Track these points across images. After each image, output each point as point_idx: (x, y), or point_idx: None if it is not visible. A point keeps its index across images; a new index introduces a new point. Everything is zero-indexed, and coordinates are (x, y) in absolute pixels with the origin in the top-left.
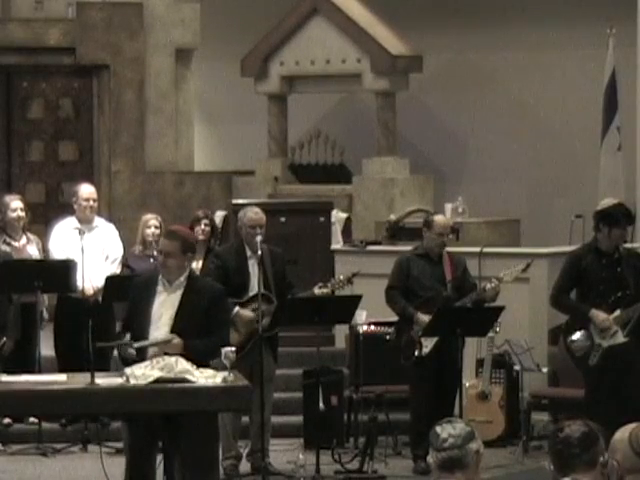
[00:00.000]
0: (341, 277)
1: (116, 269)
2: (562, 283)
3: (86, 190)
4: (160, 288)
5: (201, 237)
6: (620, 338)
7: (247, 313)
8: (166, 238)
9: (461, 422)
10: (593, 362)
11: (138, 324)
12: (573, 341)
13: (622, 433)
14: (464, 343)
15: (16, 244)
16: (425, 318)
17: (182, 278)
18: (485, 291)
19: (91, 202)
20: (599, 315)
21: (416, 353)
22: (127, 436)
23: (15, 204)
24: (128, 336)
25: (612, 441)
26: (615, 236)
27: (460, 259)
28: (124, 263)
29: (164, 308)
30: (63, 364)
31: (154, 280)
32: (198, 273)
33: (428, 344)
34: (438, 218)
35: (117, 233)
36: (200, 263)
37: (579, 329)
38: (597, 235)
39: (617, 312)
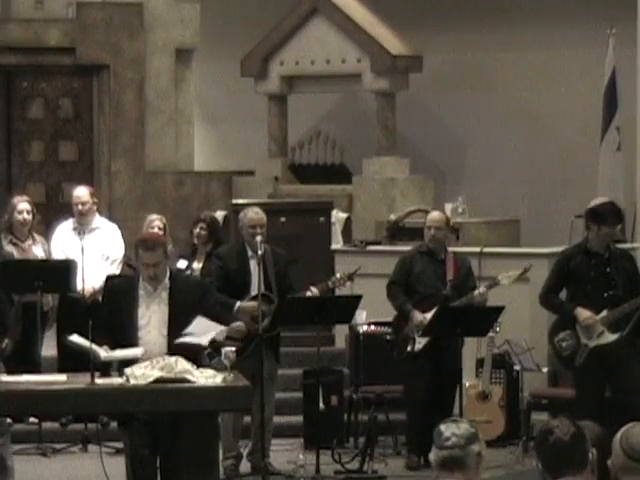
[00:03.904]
0: (338, 275)
1: (116, 269)
2: (550, 283)
3: (75, 193)
4: (142, 293)
5: (195, 240)
6: (606, 338)
7: (249, 303)
8: (149, 251)
9: (466, 423)
10: (579, 362)
11: (123, 329)
12: (559, 341)
13: (619, 433)
14: (463, 342)
15: (22, 245)
16: (419, 316)
17: (166, 280)
18: (474, 297)
19: (80, 206)
20: (583, 313)
21: (409, 349)
22: (127, 439)
23: (22, 206)
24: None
25: (613, 440)
26: (603, 234)
27: (465, 260)
28: (127, 263)
29: (151, 311)
30: (64, 364)
31: (134, 285)
32: (198, 273)
33: (421, 340)
34: (431, 213)
35: (119, 233)
36: (200, 264)
37: (566, 329)
38: (588, 234)
39: (604, 312)
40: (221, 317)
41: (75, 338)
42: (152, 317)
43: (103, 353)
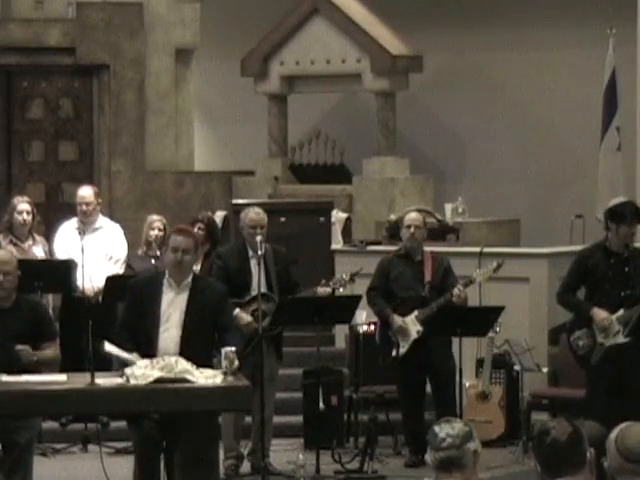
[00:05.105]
0: (343, 276)
1: (119, 269)
2: (568, 281)
3: (80, 193)
4: (166, 289)
5: None
6: (622, 337)
7: (245, 316)
8: (181, 235)
9: (459, 422)
10: (594, 361)
11: (144, 325)
12: (575, 339)
13: (613, 433)
14: (450, 341)
15: (22, 245)
16: (399, 320)
17: (189, 278)
18: (452, 296)
19: (84, 206)
20: (599, 314)
21: (393, 354)
22: (136, 437)
23: (22, 207)
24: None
25: (607, 441)
26: (623, 233)
27: (442, 260)
28: (127, 264)
29: (172, 309)
30: (66, 364)
31: (158, 280)
32: None
33: (405, 344)
34: (409, 213)
35: (122, 233)
36: (199, 266)
37: (582, 327)
38: (607, 234)
39: (620, 311)
40: (228, 328)
41: (109, 347)
42: (172, 315)
43: (140, 364)
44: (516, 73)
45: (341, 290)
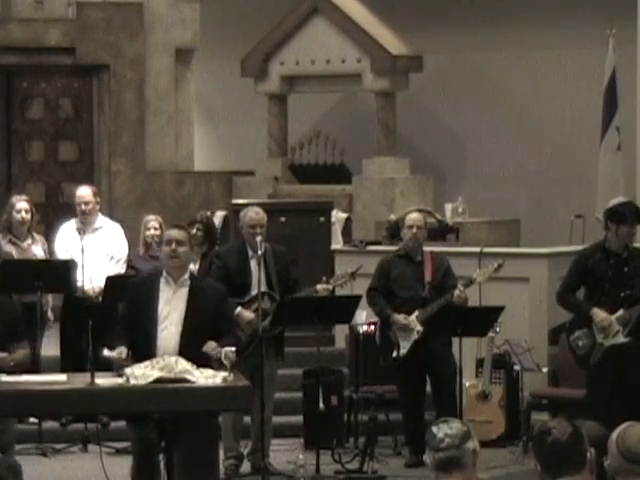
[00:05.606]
0: (343, 273)
1: (121, 269)
2: (568, 281)
3: (79, 193)
4: (163, 286)
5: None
6: (622, 338)
7: (248, 314)
8: (176, 228)
9: (457, 422)
10: (594, 361)
11: (142, 324)
12: (575, 339)
13: (614, 433)
14: (450, 341)
15: (21, 244)
16: (401, 318)
17: (186, 276)
18: (453, 297)
19: (83, 206)
20: (599, 314)
21: (394, 354)
22: (136, 436)
23: (20, 205)
24: (123, 350)
25: (608, 441)
26: (622, 234)
27: (442, 260)
28: (128, 264)
29: (170, 307)
30: (67, 364)
31: (155, 279)
32: None
33: (405, 345)
34: (411, 213)
35: (122, 232)
36: (197, 266)
37: (582, 327)
38: (607, 234)
39: (620, 312)
40: (226, 330)
41: (107, 353)
42: (171, 313)
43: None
44: (516, 73)
45: (346, 285)
